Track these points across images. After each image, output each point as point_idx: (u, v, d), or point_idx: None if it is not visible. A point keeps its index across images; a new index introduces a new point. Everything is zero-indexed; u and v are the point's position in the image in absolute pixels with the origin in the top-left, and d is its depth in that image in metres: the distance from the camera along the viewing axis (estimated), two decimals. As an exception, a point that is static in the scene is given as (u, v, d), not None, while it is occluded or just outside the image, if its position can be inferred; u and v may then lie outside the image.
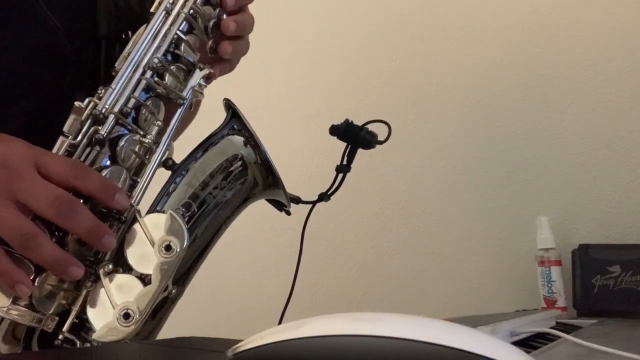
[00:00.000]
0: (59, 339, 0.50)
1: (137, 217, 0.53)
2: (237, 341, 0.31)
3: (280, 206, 0.65)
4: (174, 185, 0.58)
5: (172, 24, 0.58)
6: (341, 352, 0.27)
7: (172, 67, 0.58)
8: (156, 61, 0.57)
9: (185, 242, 0.52)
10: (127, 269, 0.51)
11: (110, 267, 0.51)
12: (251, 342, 0.30)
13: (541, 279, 0.96)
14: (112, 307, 0.50)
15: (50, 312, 0.49)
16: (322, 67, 1.28)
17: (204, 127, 0.64)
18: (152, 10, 0.59)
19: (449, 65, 1.16)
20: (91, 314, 0.50)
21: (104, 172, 0.52)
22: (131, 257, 0.51)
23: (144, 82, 0.56)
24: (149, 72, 0.57)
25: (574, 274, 0.95)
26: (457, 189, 1.12)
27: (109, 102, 0.54)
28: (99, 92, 0.55)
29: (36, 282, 0.48)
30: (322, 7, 1.30)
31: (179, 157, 0.59)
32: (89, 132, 0.53)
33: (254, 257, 1.30)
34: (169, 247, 0.51)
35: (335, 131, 0.67)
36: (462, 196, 1.12)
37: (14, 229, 0.46)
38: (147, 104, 0.57)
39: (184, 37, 0.59)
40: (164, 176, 0.58)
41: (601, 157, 1.02)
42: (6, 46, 0.57)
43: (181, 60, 0.59)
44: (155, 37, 0.57)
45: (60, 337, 0.50)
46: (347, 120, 0.67)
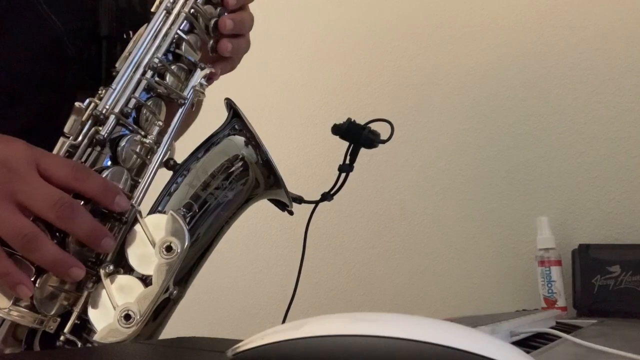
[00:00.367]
0: (61, 340, 0.50)
1: (138, 218, 0.52)
2: (237, 341, 0.31)
3: (282, 206, 0.65)
4: (175, 185, 0.57)
5: (173, 24, 0.58)
6: (341, 352, 0.27)
7: (173, 67, 0.58)
8: (157, 61, 0.56)
9: (186, 242, 0.51)
10: (129, 270, 0.51)
11: (111, 268, 0.51)
12: (251, 342, 0.30)
13: (541, 279, 0.96)
14: (113, 308, 0.50)
15: (51, 313, 0.49)
16: (323, 67, 1.28)
17: (206, 126, 0.64)
18: (152, 9, 0.59)
19: (449, 65, 1.16)
20: (92, 315, 0.50)
21: (105, 173, 0.52)
22: (132, 258, 0.51)
23: (144, 82, 0.56)
24: (149, 72, 0.56)
25: (574, 274, 0.95)
26: (457, 189, 1.12)
27: (109, 103, 0.54)
28: (100, 92, 0.55)
29: (37, 284, 0.48)
30: (322, 7, 1.30)
31: (181, 157, 0.59)
32: (90, 133, 0.53)
33: (254, 257, 1.30)
34: (169, 248, 0.51)
35: (337, 130, 0.66)
36: (462, 196, 1.12)
37: (14, 230, 0.46)
38: (148, 104, 0.56)
39: (185, 37, 0.58)
40: (166, 176, 0.58)
41: (601, 157, 1.02)
42: (7, 47, 0.57)
43: (182, 59, 0.59)
44: (155, 36, 0.57)
45: (61, 338, 0.50)
46: (349, 119, 0.66)
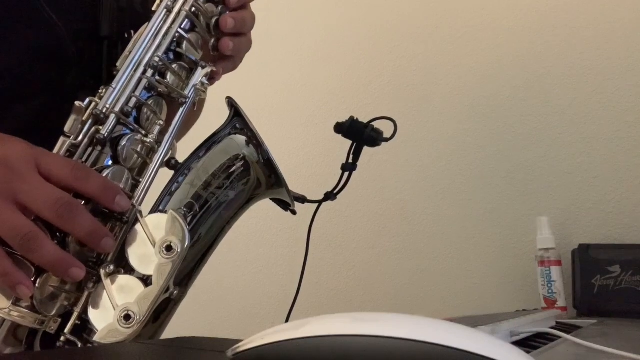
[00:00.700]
0: (61, 341, 0.50)
1: (139, 218, 0.52)
2: (237, 341, 0.31)
3: (285, 206, 0.64)
4: (176, 184, 0.57)
5: (174, 22, 0.58)
6: (341, 352, 0.27)
7: (173, 66, 0.58)
8: (157, 60, 0.56)
9: (186, 242, 0.51)
10: (129, 270, 0.51)
11: (111, 268, 0.51)
12: (251, 342, 0.30)
13: (541, 279, 0.95)
14: (113, 308, 0.49)
15: (52, 314, 0.49)
16: (323, 67, 1.28)
17: (207, 126, 0.64)
18: (153, 8, 0.58)
19: (449, 65, 1.15)
20: (92, 315, 0.50)
21: (106, 172, 0.52)
22: (133, 257, 0.51)
23: (145, 81, 0.56)
24: (150, 71, 0.56)
25: (574, 274, 0.95)
26: (457, 189, 1.12)
27: (109, 102, 0.54)
28: (100, 91, 0.55)
29: (37, 284, 0.48)
30: (322, 7, 1.30)
31: (182, 157, 0.59)
32: (90, 132, 0.53)
33: (254, 257, 1.30)
34: (169, 248, 0.51)
35: (340, 129, 0.65)
36: (462, 196, 1.11)
37: (14, 229, 0.46)
38: (149, 103, 0.56)
39: (186, 35, 0.58)
40: (167, 176, 0.58)
41: (601, 157, 1.02)
42: (9, 47, 0.57)
43: (183, 58, 0.58)
44: (156, 35, 0.57)
45: (62, 338, 0.50)
46: (351, 117, 0.65)
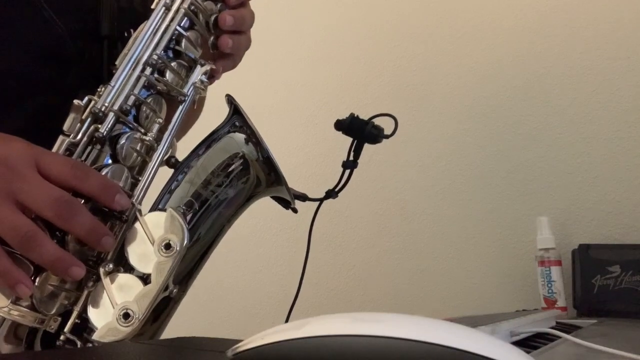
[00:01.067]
0: (61, 340, 0.50)
1: (138, 216, 0.52)
2: (237, 341, 0.31)
3: (286, 204, 0.64)
4: (176, 183, 0.57)
5: (172, 20, 0.57)
6: (341, 352, 0.27)
7: (172, 64, 0.57)
8: (156, 58, 0.56)
9: (185, 240, 0.51)
10: (129, 269, 0.51)
11: (110, 266, 0.51)
12: (251, 342, 0.30)
13: (541, 279, 0.95)
14: (112, 307, 0.49)
15: (52, 313, 0.49)
16: (323, 67, 1.28)
17: (207, 126, 0.64)
18: (152, 7, 0.58)
19: (449, 65, 1.15)
20: (92, 314, 0.50)
21: (105, 171, 0.52)
22: (132, 256, 0.51)
23: (143, 79, 0.55)
24: (148, 69, 0.56)
25: (574, 274, 0.95)
26: (457, 189, 1.12)
27: (108, 100, 0.54)
28: (99, 90, 0.55)
29: (36, 283, 0.48)
30: (322, 7, 1.30)
31: (181, 155, 0.59)
32: (89, 131, 0.53)
33: (254, 257, 1.29)
34: (168, 246, 0.51)
35: (340, 126, 0.64)
36: (462, 196, 1.11)
37: (14, 228, 0.46)
38: (148, 102, 0.56)
39: (185, 33, 0.58)
40: (168, 174, 0.58)
41: (601, 157, 1.02)
42: (9, 47, 0.57)
43: (182, 56, 0.58)
44: (154, 33, 0.57)
45: (61, 337, 0.50)
46: (352, 114, 0.64)
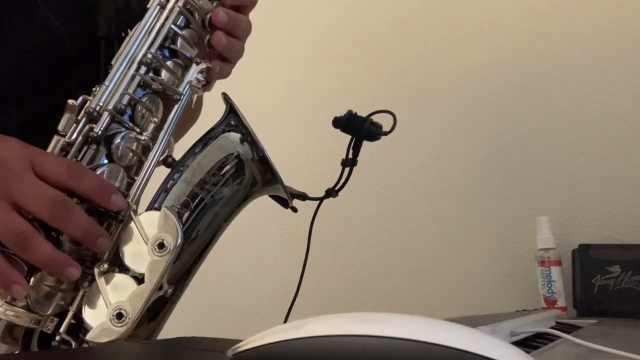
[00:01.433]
0: (56, 340, 0.50)
1: (132, 216, 0.52)
2: (237, 341, 0.30)
3: (285, 203, 0.63)
4: (172, 181, 0.56)
5: (167, 19, 0.57)
6: (341, 352, 0.27)
7: (168, 63, 0.57)
8: (150, 56, 0.55)
9: (178, 239, 0.50)
10: (123, 268, 0.51)
11: (105, 266, 0.50)
12: (251, 342, 0.29)
13: (541, 279, 0.95)
14: (106, 307, 0.49)
15: (47, 313, 0.49)
16: (323, 67, 1.28)
17: (207, 126, 0.63)
18: (147, 6, 0.58)
19: (449, 65, 1.15)
20: (87, 314, 0.49)
21: (101, 171, 0.52)
22: (126, 256, 0.51)
23: (138, 79, 0.55)
24: (143, 68, 0.55)
25: (574, 274, 0.95)
26: (457, 189, 1.12)
27: (102, 100, 0.53)
28: (94, 90, 0.54)
29: (31, 283, 0.48)
30: (322, 7, 1.30)
31: (179, 155, 0.58)
32: (84, 131, 0.52)
33: (254, 257, 1.29)
34: (162, 245, 0.50)
35: (338, 123, 0.63)
36: (462, 196, 1.11)
37: (9, 228, 0.46)
38: (143, 101, 0.55)
39: (180, 32, 0.57)
40: (165, 173, 0.58)
41: (601, 157, 1.02)
42: (7, 47, 0.57)
43: (178, 55, 0.58)
44: (149, 32, 0.56)
45: (57, 338, 0.50)
46: (349, 111, 0.63)
